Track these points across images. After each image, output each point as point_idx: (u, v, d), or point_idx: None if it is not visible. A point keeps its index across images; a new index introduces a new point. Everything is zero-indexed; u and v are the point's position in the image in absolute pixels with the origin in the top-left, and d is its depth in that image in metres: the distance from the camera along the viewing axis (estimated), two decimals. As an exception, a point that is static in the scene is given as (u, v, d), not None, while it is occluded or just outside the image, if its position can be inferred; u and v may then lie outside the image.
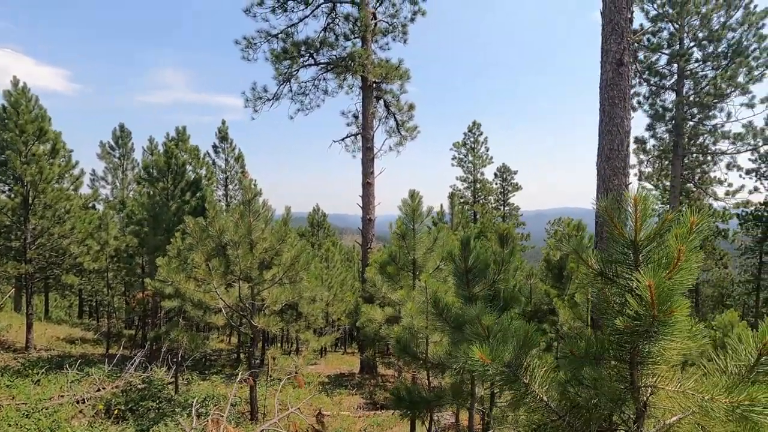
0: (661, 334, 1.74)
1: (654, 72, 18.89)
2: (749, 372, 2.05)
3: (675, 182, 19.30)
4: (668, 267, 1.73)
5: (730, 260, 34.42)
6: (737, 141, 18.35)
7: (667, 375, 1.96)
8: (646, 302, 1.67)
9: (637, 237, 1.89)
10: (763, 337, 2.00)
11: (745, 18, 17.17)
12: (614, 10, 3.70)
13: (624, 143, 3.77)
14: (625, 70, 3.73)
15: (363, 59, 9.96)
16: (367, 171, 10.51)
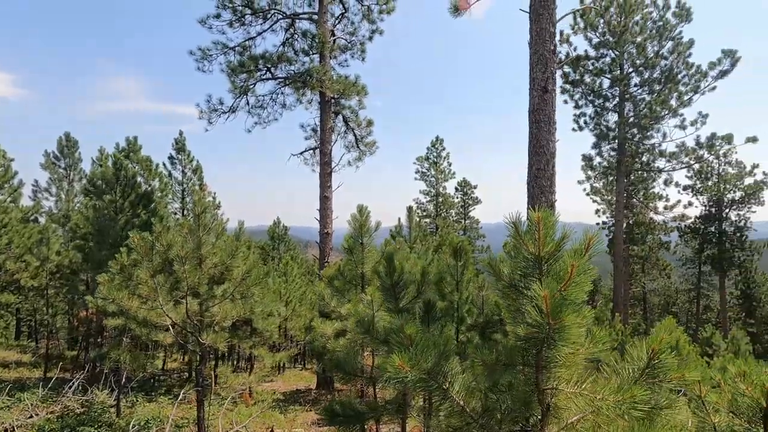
0: (558, 341, 1.92)
1: (598, 94, 20.23)
2: (641, 374, 2.28)
3: (619, 197, 20.57)
4: (562, 280, 1.92)
5: (673, 270, 36.80)
6: (672, 159, 19.90)
7: (568, 377, 2.16)
8: (543, 312, 1.85)
9: (540, 252, 2.08)
10: (653, 343, 2.25)
11: (675, 47, 18.81)
12: (539, 41, 4.04)
13: (549, 164, 4.08)
14: (549, 97, 4.06)
15: (321, 75, 10.11)
16: (324, 185, 10.58)
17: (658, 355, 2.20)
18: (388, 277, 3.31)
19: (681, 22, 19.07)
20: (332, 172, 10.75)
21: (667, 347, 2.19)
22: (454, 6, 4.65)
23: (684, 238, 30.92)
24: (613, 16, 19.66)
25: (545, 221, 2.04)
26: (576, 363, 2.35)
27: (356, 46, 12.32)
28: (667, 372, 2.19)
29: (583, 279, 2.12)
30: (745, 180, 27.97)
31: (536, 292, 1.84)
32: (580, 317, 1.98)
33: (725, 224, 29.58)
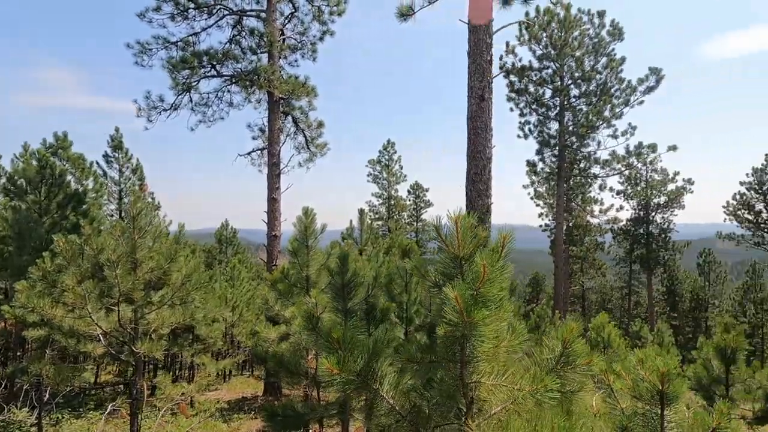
0: (474, 337, 2.03)
1: (541, 104, 21.38)
2: (557, 363, 2.46)
3: (559, 201, 21.82)
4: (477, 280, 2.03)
5: (608, 269, 39.53)
6: (606, 166, 21.43)
7: (491, 371, 2.28)
8: (457, 311, 1.95)
9: (460, 253, 2.19)
10: (565, 333, 2.44)
11: (609, 63, 20.31)
12: (477, 52, 4.25)
13: (486, 168, 4.30)
14: (486, 105, 4.27)
15: (269, 74, 9.92)
16: (272, 186, 10.37)
17: (570, 344, 2.39)
18: (340, 276, 3.32)
19: (614, 41, 20.63)
20: (281, 173, 10.57)
21: (577, 336, 2.38)
22: (399, 11, 4.77)
23: (617, 239, 33.34)
24: (555, 31, 20.89)
25: (463, 223, 2.16)
26: (498, 356, 2.49)
27: (307, 47, 12.21)
28: (578, 358, 2.38)
29: (499, 277, 2.26)
30: (668, 186, 30.60)
31: (448, 292, 1.94)
32: (497, 313, 2.10)
33: (652, 226, 32.16)
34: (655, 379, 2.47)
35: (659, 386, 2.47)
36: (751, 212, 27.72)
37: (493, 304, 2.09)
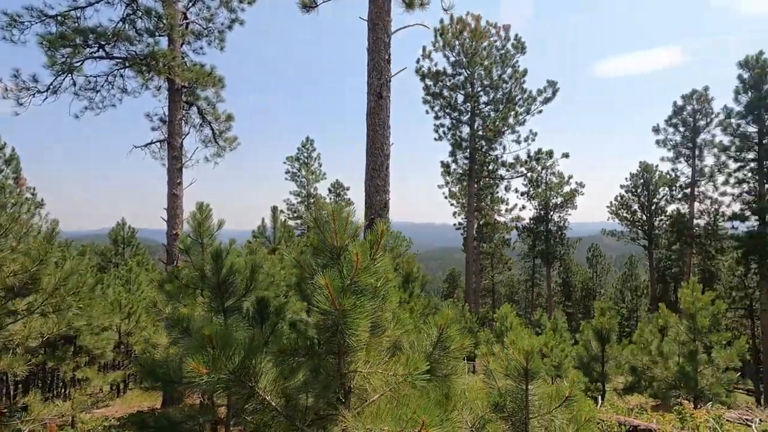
0: (348, 326, 2.05)
1: (454, 108, 22.51)
2: (434, 348, 2.59)
3: (470, 201, 23.17)
4: (352, 271, 2.05)
5: (514, 264, 42.87)
6: (510, 169, 23.22)
7: (372, 359, 2.32)
8: (329, 299, 1.95)
9: (338, 244, 2.20)
10: (441, 320, 2.56)
11: (513, 74, 22.03)
12: (375, 50, 4.33)
13: (384, 165, 4.40)
14: (384, 102, 4.38)
15: (168, 60, 9.16)
16: (173, 181, 9.60)
17: (445, 330, 2.52)
18: (215, 275, 3.14)
19: (517, 53, 22.41)
20: (183, 167, 9.82)
21: (452, 322, 2.53)
22: (302, 2, 4.69)
23: (521, 237, 36.36)
24: (466, 40, 22.13)
25: (339, 215, 2.17)
26: (380, 345, 2.55)
27: (213, 34, 11.48)
28: (452, 342, 2.52)
29: (374, 267, 2.32)
30: (564, 188, 34.02)
31: (319, 280, 1.93)
32: (373, 302, 2.14)
33: (550, 224, 35.51)
34: (521, 358, 2.71)
35: (524, 364, 2.71)
36: (628, 212, 31.81)
37: (368, 294, 2.13)
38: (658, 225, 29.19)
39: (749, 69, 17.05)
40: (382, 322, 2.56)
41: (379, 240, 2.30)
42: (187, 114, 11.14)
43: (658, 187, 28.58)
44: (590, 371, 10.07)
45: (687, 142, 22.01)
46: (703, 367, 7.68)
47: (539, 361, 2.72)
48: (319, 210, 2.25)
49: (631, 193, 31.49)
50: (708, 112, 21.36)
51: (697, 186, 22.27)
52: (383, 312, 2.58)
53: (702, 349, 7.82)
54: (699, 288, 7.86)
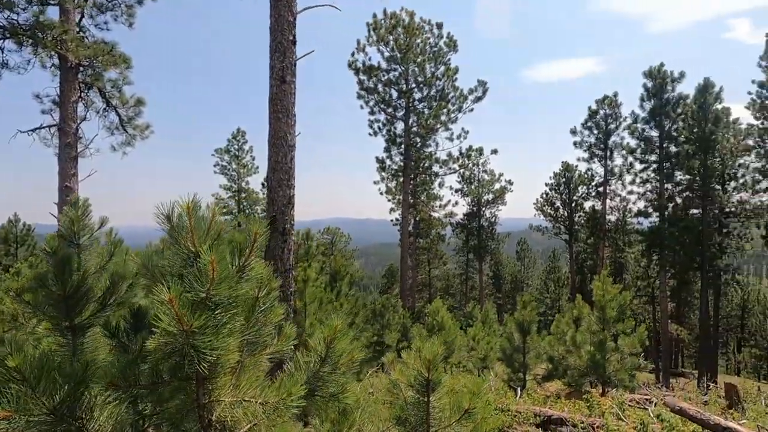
0: (202, 350, 1.68)
1: (388, 104, 22.45)
2: (321, 363, 2.30)
3: (405, 197, 23.32)
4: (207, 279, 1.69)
5: (449, 259, 44.18)
6: (444, 166, 23.70)
7: (238, 384, 1.97)
8: (174, 319, 1.57)
9: (194, 249, 1.82)
10: (327, 332, 2.28)
11: (446, 72, 22.41)
12: (278, 29, 3.95)
13: (288, 156, 4.03)
14: (287, 87, 4.01)
15: (59, 33, 7.99)
16: (66, 172, 8.43)
17: (334, 343, 2.24)
18: (60, 285, 2.60)
19: (450, 51, 22.82)
20: (78, 156, 8.67)
21: (341, 334, 2.25)
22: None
23: (455, 232, 37.51)
24: (401, 35, 22.11)
25: (196, 211, 1.79)
26: (257, 365, 2.21)
27: (120, 8, 10.28)
28: (341, 357, 2.25)
29: (252, 275, 1.98)
30: (495, 185, 35.49)
31: (159, 294, 1.55)
32: (233, 318, 1.80)
33: (482, 220, 36.94)
34: (423, 368, 2.51)
35: (426, 374, 2.51)
36: (552, 208, 33.92)
37: (232, 308, 1.78)
38: (578, 221, 31.50)
39: (652, 79, 18.77)
40: (261, 337, 2.22)
41: (253, 243, 1.95)
42: (87, 97, 9.88)
43: (578, 186, 30.79)
44: (513, 362, 10.43)
45: (600, 144, 23.88)
46: (610, 354, 8.20)
47: (441, 372, 2.54)
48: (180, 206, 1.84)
49: (554, 190, 33.63)
50: (618, 116, 23.32)
51: (609, 185, 24.26)
52: (264, 326, 2.24)
53: (610, 338, 8.34)
54: (609, 281, 8.38)
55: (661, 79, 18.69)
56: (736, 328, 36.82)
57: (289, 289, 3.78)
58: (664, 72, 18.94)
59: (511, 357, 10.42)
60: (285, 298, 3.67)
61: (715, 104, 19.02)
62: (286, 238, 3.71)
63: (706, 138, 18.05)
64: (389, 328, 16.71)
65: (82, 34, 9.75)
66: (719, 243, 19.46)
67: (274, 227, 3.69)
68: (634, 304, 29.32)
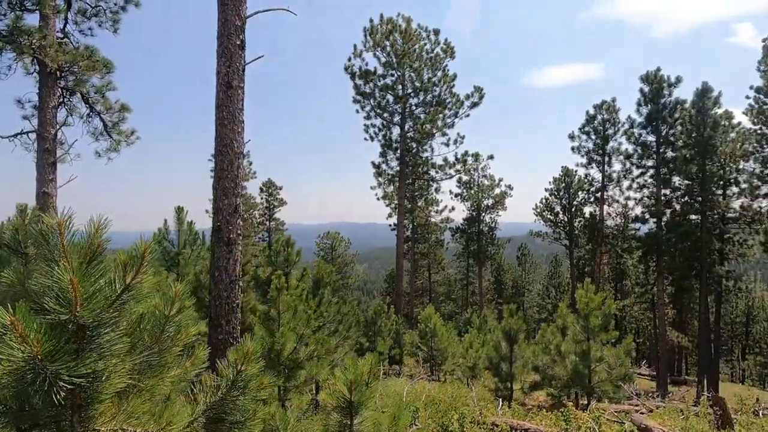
0: (65, 374, 1.55)
1: (384, 109, 22.39)
2: (230, 388, 2.16)
3: (401, 201, 23.20)
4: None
5: (449, 264, 43.92)
6: (440, 171, 23.56)
7: (127, 410, 1.85)
8: (19, 339, 1.45)
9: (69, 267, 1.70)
10: (238, 355, 2.15)
11: (443, 78, 22.34)
12: (225, 33, 3.85)
13: (234, 164, 3.93)
14: (234, 93, 3.90)
15: (37, 39, 7.97)
16: (44, 178, 8.39)
17: (244, 366, 2.11)
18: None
19: (447, 57, 22.75)
20: (57, 161, 8.63)
21: (253, 359, 2.13)
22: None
23: (455, 237, 37.32)
24: (397, 41, 22.09)
25: (67, 226, 1.68)
26: (156, 390, 2.09)
27: (105, 14, 10.30)
28: (250, 382, 2.12)
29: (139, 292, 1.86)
30: (495, 190, 35.30)
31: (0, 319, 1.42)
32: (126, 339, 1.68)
33: (482, 225, 36.72)
34: (344, 389, 2.38)
35: (348, 396, 2.38)
36: (552, 213, 33.68)
37: (101, 330, 1.65)
38: (578, 226, 31.21)
39: (649, 83, 18.58)
40: (167, 359, 2.09)
41: (141, 261, 1.83)
42: (69, 102, 9.86)
43: (577, 191, 30.55)
44: (500, 371, 10.23)
45: (598, 149, 23.65)
46: (595, 364, 8.00)
47: (366, 392, 2.40)
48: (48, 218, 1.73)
49: (554, 195, 33.39)
50: (616, 121, 23.10)
51: (607, 190, 24.01)
52: (171, 349, 2.11)
53: (595, 347, 8.14)
54: (592, 288, 8.19)
55: (657, 83, 18.49)
56: (741, 335, 36.27)
57: (235, 301, 3.65)
58: (660, 77, 18.75)
59: (498, 366, 10.22)
60: (231, 310, 3.54)
61: (714, 109, 18.79)
62: (232, 248, 3.60)
63: (704, 143, 17.82)
64: (381, 335, 16.53)
65: (67, 40, 9.75)
66: (719, 249, 19.15)
67: (218, 237, 3.57)
68: (634, 310, 28.87)
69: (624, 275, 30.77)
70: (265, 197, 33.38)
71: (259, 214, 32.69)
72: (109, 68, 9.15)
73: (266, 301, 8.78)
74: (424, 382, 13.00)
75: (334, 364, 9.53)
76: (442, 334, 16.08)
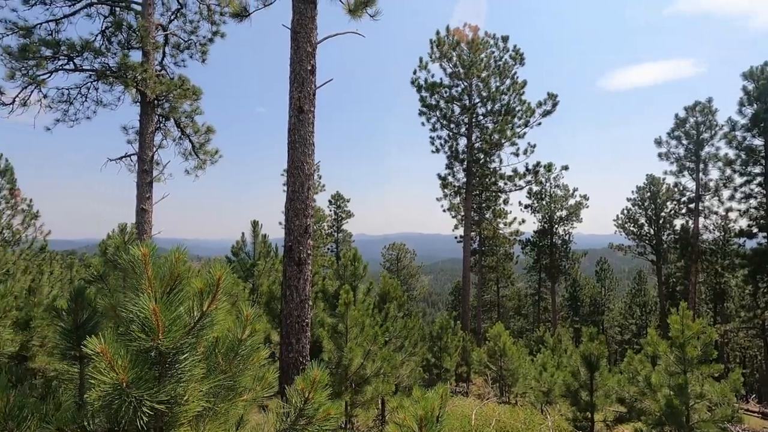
0: (147, 398, 1.63)
1: (450, 120, 22.15)
2: (297, 416, 2.15)
3: (467, 214, 22.66)
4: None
5: (519, 278, 41.95)
6: (509, 182, 22.68)
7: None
8: (108, 368, 1.54)
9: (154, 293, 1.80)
10: (304, 384, 2.14)
11: (512, 86, 21.64)
12: (296, 60, 3.98)
13: (305, 186, 4.01)
14: (305, 117, 4.01)
15: (139, 73, 8.98)
16: (142, 196, 9.35)
17: (311, 394, 2.10)
18: (71, 316, 2.76)
19: (516, 64, 22.04)
20: (153, 181, 9.59)
21: (320, 387, 2.10)
22: (233, 11, 4.39)
23: (525, 250, 35.61)
24: (464, 51, 21.85)
25: (154, 256, 1.78)
26: (230, 414, 2.13)
27: (195, 47, 11.37)
28: (318, 411, 2.10)
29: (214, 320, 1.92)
30: (569, 201, 33.31)
31: (90, 345, 1.53)
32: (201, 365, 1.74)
33: (555, 238, 34.73)
34: (414, 425, 2.27)
35: (417, 430, 2.26)
36: (635, 225, 30.95)
37: (180, 356, 1.72)
38: (666, 240, 28.28)
39: (754, 80, 16.42)
40: (240, 382, 2.15)
41: (216, 288, 1.90)
42: (164, 127, 10.96)
43: (665, 201, 27.75)
44: (578, 400, 9.44)
45: (690, 155, 21.28)
46: (694, 401, 7.05)
47: (434, 427, 2.27)
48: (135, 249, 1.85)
49: (637, 206, 30.70)
50: (712, 124, 20.65)
51: (702, 200, 21.47)
52: (244, 372, 2.17)
53: (693, 382, 7.20)
54: (689, 315, 7.27)
55: (765, 80, 16.26)
56: None
57: (305, 320, 3.71)
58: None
59: (576, 394, 9.44)
60: (301, 329, 3.60)
61: (839, 105, 16.07)
62: (302, 267, 3.68)
63: (827, 145, 15.25)
64: (447, 352, 16.10)
65: (164, 72, 10.89)
66: None
67: (290, 257, 3.68)
68: (739, 336, 25.31)
69: (725, 296, 27.17)
70: (333, 209, 34.49)
71: (327, 225, 33.80)
72: (197, 95, 10.04)
73: (334, 315, 8.94)
74: (493, 404, 12.40)
75: (400, 381, 9.42)
76: (513, 354, 15.27)
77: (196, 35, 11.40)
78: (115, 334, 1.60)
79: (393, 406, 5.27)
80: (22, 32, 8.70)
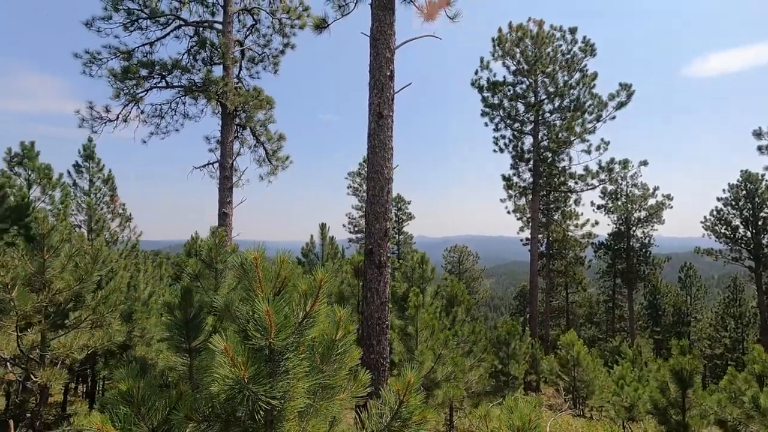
0: (259, 397, 1.73)
1: (515, 119, 21.39)
2: (392, 417, 2.17)
3: (534, 215, 21.71)
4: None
5: (590, 283, 39.34)
6: (580, 181, 21.39)
7: (306, 428, 1.98)
8: (232, 366, 1.65)
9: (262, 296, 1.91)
10: (399, 385, 2.15)
11: (581, 79, 20.42)
12: (376, 67, 4.03)
13: (384, 190, 4.04)
14: (384, 122, 4.04)
15: (221, 87, 9.68)
16: (224, 200, 10.05)
17: (406, 397, 2.10)
18: (182, 312, 3.01)
19: (586, 56, 20.78)
20: (233, 186, 10.26)
21: (414, 389, 2.10)
22: (314, 23, 4.59)
23: (598, 254, 33.35)
24: (528, 47, 21.02)
25: (262, 262, 1.88)
26: (328, 411, 2.20)
27: (268, 59, 12.03)
28: (412, 414, 2.09)
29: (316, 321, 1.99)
30: (648, 201, 30.75)
31: (215, 343, 1.64)
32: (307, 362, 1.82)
33: (633, 241, 32.18)
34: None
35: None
36: (728, 228, 27.88)
37: (288, 355, 1.81)
38: (766, 243, 25.10)
39: None
40: (336, 381, 2.21)
41: (318, 290, 1.97)
42: (241, 135, 11.70)
43: (765, 200, 24.65)
44: (668, 419, 8.64)
45: (800, 148, 18.66)
46: (816, 430, 6.16)
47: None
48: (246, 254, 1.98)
49: (730, 206, 27.59)
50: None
51: (816, 199, 18.70)
52: (339, 370, 2.23)
53: (814, 407, 6.30)
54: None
55: None
56: None
57: (385, 322, 3.76)
58: None
59: (665, 412, 8.64)
60: (382, 331, 3.65)
61: None
62: (382, 270, 3.73)
63: None
64: (515, 358, 15.51)
65: (240, 84, 11.64)
66: None
67: (370, 260, 3.75)
68: None
69: None
70: (394, 211, 34.76)
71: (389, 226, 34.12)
72: (271, 105, 10.60)
73: (402, 317, 8.98)
74: (568, 417, 11.72)
75: (468, 386, 9.22)
76: (588, 364, 14.36)
77: (268, 48, 12.06)
78: (235, 335, 1.72)
79: (481, 414, 5.12)
80: (124, 56, 9.71)
